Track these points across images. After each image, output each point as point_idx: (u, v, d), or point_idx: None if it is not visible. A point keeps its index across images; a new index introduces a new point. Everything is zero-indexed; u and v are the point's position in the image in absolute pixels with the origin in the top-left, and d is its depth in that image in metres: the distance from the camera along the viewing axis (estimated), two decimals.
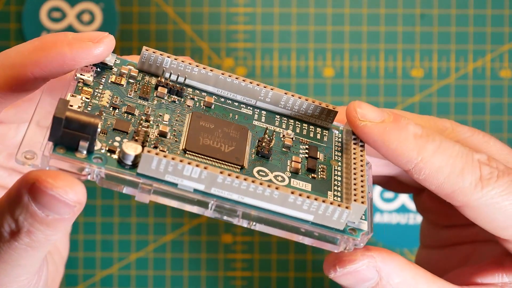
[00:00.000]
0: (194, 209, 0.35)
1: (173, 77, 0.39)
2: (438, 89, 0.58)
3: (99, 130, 0.34)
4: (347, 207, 0.34)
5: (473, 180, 0.37)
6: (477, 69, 0.58)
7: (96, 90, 0.37)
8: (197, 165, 0.34)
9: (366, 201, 0.35)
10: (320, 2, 0.58)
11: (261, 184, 0.34)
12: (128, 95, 0.38)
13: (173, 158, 0.33)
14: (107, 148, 0.35)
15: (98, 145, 0.35)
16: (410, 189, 0.47)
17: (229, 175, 0.34)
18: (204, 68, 0.39)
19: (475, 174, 0.37)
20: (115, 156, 0.35)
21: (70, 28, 0.58)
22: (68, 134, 0.33)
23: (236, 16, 0.58)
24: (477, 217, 0.38)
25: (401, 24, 0.58)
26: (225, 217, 0.35)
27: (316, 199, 0.34)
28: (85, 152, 0.34)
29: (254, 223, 0.35)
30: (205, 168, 0.34)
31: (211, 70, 0.39)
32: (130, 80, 0.39)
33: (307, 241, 0.36)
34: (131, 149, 0.34)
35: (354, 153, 0.37)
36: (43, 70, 0.36)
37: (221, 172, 0.34)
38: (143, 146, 0.35)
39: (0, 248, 0.35)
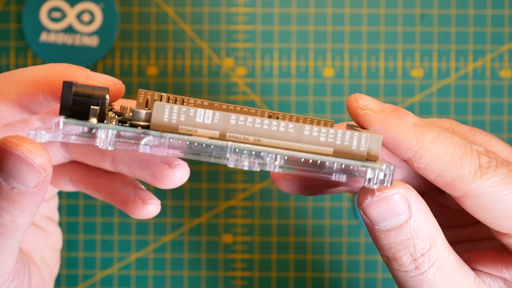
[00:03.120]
0: (212, 159, 0.35)
1: None
2: (438, 89, 0.58)
3: (107, 97, 0.34)
4: (364, 132, 0.35)
5: (472, 169, 0.37)
6: (477, 69, 0.58)
7: None
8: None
9: (380, 134, 0.35)
10: (320, 2, 0.58)
11: (275, 119, 0.34)
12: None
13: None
14: (117, 121, 0.35)
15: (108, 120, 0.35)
16: None
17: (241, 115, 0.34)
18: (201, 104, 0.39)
19: (474, 162, 0.37)
20: (126, 125, 0.35)
21: (70, 28, 0.58)
22: (78, 102, 0.34)
23: (236, 16, 0.58)
24: (478, 208, 0.38)
25: (401, 24, 0.58)
26: (246, 166, 0.35)
27: (332, 128, 0.34)
28: (96, 119, 0.34)
29: (275, 166, 0.35)
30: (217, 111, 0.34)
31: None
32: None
33: (334, 177, 0.36)
34: (142, 109, 0.35)
35: None
36: (54, 94, 0.37)
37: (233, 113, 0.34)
38: None
39: None
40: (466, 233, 0.45)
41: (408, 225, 0.37)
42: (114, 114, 0.38)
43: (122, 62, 0.58)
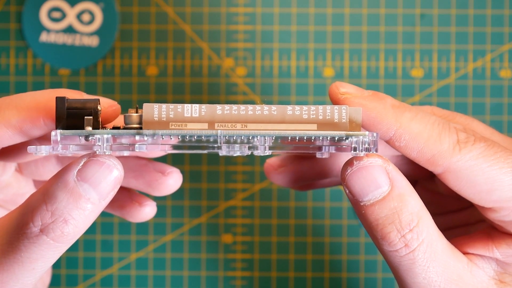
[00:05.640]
0: (206, 150, 0.37)
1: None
2: (438, 89, 0.58)
3: (99, 107, 0.36)
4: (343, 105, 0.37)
5: (451, 144, 0.38)
6: (477, 69, 0.58)
7: None
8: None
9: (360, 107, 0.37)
10: (320, 2, 0.58)
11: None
12: None
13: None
14: (111, 128, 0.37)
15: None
16: None
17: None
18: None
19: (452, 138, 0.39)
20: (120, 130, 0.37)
21: (70, 28, 0.58)
22: (72, 114, 0.36)
23: (236, 16, 0.58)
24: (460, 183, 0.39)
25: (401, 24, 0.58)
26: (237, 151, 0.37)
27: (313, 105, 0.36)
28: (91, 127, 0.36)
29: (265, 147, 0.37)
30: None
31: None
32: None
33: (324, 150, 0.38)
34: (133, 112, 0.37)
35: None
36: (54, 119, 0.39)
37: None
38: None
39: (22, 246, 0.36)
40: (459, 218, 0.45)
41: (391, 197, 0.38)
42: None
43: (122, 62, 0.58)
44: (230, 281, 0.58)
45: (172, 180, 0.46)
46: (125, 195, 0.47)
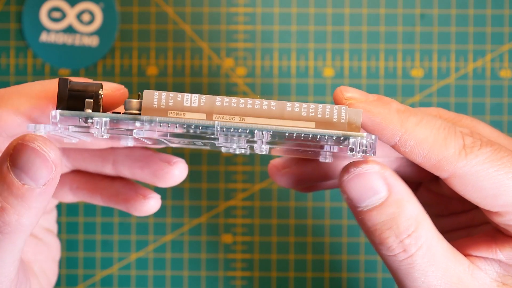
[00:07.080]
0: (202, 141, 0.37)
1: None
2: (438, 89, 0.58)
3: (101, 92, 0.36)
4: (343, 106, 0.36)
5: (457, 149, 0.38)
6: (477, 69, 0.58)
7: None
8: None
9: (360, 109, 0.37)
10: (320, 2, 0.58)
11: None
12: None
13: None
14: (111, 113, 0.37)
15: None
16: None
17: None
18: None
19: (458, 143, 0.38)
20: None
21: (70, 28, 0.58)
22: (74, 96, 0.36)
23: (236, 16, 0.58)
24: (466, 188, 0.39)
25: (401, 24, 0.58)
26: (234, 144, 0.37)
27: (312, 103, 0.36)
28: (91, 110, 0.36)
29: (262, 142, 0.36)
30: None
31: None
32: None
33: (326, 148, 0.38)
34: (133, 99, 0.37)
35: None
36: None
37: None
38: None
39: None
40: (463, 220, 0.45)
41: (388, 203, 0.38)
42: None
43: (122, 62, 0.58)
44: (230, 281, 0.58)
45: (178, 170, 0.45)
46: (129, 189, 0.46)
